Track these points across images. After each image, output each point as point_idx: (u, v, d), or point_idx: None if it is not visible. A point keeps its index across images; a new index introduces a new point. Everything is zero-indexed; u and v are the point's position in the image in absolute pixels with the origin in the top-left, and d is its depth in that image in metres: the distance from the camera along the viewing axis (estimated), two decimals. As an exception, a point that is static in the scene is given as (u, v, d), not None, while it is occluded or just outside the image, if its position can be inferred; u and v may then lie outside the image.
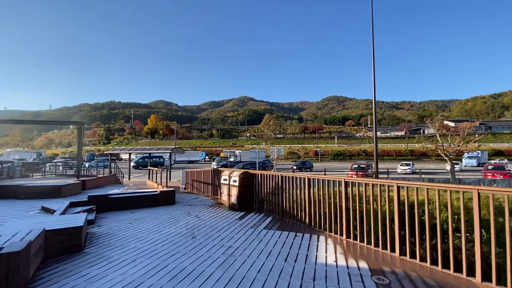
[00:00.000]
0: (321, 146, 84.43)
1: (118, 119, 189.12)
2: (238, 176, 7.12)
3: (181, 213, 6.77)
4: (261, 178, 6.94)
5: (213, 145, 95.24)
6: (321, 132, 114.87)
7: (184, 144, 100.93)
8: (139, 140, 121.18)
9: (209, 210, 7.08)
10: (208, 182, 10.35)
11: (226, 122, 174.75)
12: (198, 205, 7.84)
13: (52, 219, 4.53)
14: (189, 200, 8.77)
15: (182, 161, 52.39)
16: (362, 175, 21.89)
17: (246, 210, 6.97)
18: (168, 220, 6.04)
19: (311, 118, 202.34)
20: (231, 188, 7.43)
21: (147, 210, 7.18)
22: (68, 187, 8.02)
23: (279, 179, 6.20)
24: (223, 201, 8.02)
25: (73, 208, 6.24)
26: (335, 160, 67.82)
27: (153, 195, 7.80)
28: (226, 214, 6.63)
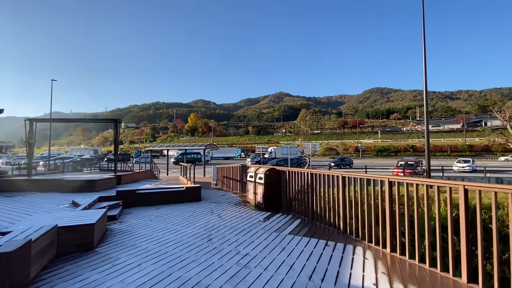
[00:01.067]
0: (362, 141, 79.29)
1: (162, 118, 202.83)
2: (264, 173, 6.53)
3: (204, 211, 6.44)
4: (289, 176, 6.24)
5: (248, 141, 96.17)
6: (362, 126, 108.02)
7: (221, 141, 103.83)
8: (180, 138, 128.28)
9: (233, 209, 6.63)
10: (236, 179, 9.97)
11: (261, 119, 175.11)
12: (223, 203, 7.46)
13: (70, 214, 4.49)
14: (215, 197, 8.47)
15: (218, 158, 53.74)
16: (410, 173, 19.57)
17: (272, 210, 6.35)
18: (189, 218, 5.73)
19: (351, 112, 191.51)
20: (257, 186, 6.88)
21: (172, 206, 7.03)
22: (102, 181, 8.31)
23: (309, 177, 5.44)
24: (249, 200, 7.52)
25: (100, 202, 6.33)
26: (378, 156, 63.05)
27: (179, 191, 7.64)
28: (250, 214, 6.11)
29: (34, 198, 6.92)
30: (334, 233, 4.57)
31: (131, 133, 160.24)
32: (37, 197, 7.08)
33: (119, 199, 6.82)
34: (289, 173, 6.27)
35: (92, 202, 5.93)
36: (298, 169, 6.07)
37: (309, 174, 5.44)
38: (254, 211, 6.37)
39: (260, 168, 7.03)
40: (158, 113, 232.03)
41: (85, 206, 5.43)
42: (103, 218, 4.55)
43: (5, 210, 5.56)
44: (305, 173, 5.62)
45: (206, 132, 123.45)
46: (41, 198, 6.96)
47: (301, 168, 6.00)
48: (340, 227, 4.58)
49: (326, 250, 3.78)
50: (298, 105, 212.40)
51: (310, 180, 5.42)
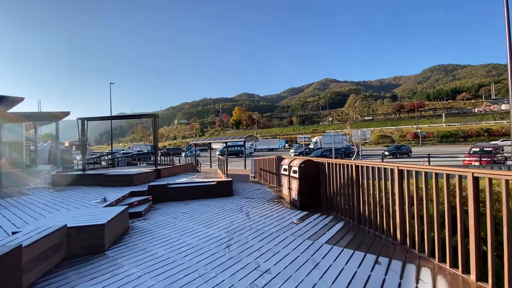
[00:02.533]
0: (422, 126, 70.32)
1: (209, 114, 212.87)
2: (299, 166, 5.60)
3: (232, 208, 5.85)
4: (329, 169, 5.20)
5: (292, 132, 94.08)
6: (422, 110, 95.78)
7: (264, 132, 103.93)
8: (226, 131, 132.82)
9: (265, 206, 5.90)
10: (272, 172, 9.20)
11: (306, 108, 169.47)
12: (256, 199, 6.79)
13: (89, 212, 4.32)
14: (249, 192, 7.85)
15: (262, 149, 53.66)
16: (487, 161, 16.10)
17: (309, 209, 5.42)
18: (215, 216, 5.20)
19: (408, 95, 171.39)
20: (291, 180, 5.99)
21: (201, 202, 6.64)
22: (140, 176, 8.43)
23: (353, 170, 4.35)
24: (284, 195, 6.69)
25: (130, 198, 6.26)
26: (442, 143, 55.08)
27: (210, 185, 7.23)
28: (282, 213, 5.29)
29: (76, 192, 7.27)
30: (388, 244, 3.46)
31: (183, 129, 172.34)
32: (79, 191, 7.44)
33: (150, 194, 6.71)
34: (328, 166, 5.22)
35: (121, 198, 5.86)
36: (340, 160, 4.98)
37: (354, 166, 4.34)
38: (288, 210, 5.53)
39: (295, 160, 6.11)
40: (206, 109, 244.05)
41: (112, 202, 5.33)
42: (121, 216, 4.28)
43: (41, 204, 5.82)
44: (348, 165, 4.53)
45: (250, 124, 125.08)
46: (82, 192, 7.28)
47: (343, 160, 4.90)
48: (396, 236, 3.45)
49: (376, 271, 2.76)
50: (346, 91, 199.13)
51: (355, 173, 4.32)
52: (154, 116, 11.08)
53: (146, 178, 8.77)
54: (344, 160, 4.81)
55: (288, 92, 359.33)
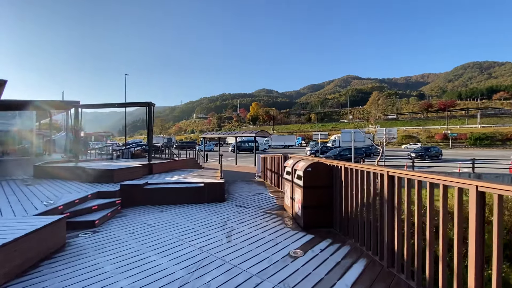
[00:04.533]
0: (453, 127, 65.07)
1: (227, 109, 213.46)
2: (304, 170, 4.07)
3: (215, 221, 4.45)
4: (347, 176, 3.63)
5: (310, 129, 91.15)
6: (452, 109, 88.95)
7: (281, 129, 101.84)
8: (243, 126, 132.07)
9: (257, 222, 4.43)
10: (278, 173, 7.70)
11: (326, 105, 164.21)
12: (250, 208, 5.34)
13: (2, 225, 3.10)
14: (246, 197, 6.42)
15: (277, 146, 51.94)
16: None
17: (316, 231, 3.89)
18: (186, 234, 3.83)
19: (437, 93, 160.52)
20: (295, 188, 4.48)
21: (182, 208, 5.31)
22: (123, 172, 7.28)
23: (385, 182, 2.78)
24: (286, 206, 5.19)
25: (92, 200, 5.05)
26: (476, 145, 50.34)
27: (197, 188, 5.88)
28: (278, 235, 3.80)
29: (42, 188, 6.21)
30: (452, 326, 1.89)
31: (201, 123, 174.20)
32: (46, 186, 6.38)
33: (123, 195, 5.48)
34: (346, 172, 3.65)
35: (77, 200, 4.65)
36: (364, 166, 3.39)
37: (387, 176, 2.76)
38: (287, 230, 4.03)
39: (300, 161, 4.57)
40: (224, 104, 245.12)
41: (57, 206, 4.11)
42: (43, 233, 3.02)
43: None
44: (377, 173, 2.96)
45: (267, 120, 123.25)
46: (49, 188, 6.22)
47: (368, 165, 3.31)
48: (466, 312, 1.87)
49: None
50: (368, 88, 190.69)
51: (388, 187, 2.75)
52: (148, 104, 9.93)
53: (131, 174, 7.60)
54: (369, 166, 3.23)
55: (308, 89, 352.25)
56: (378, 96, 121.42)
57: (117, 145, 30.03)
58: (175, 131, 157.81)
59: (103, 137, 71.32)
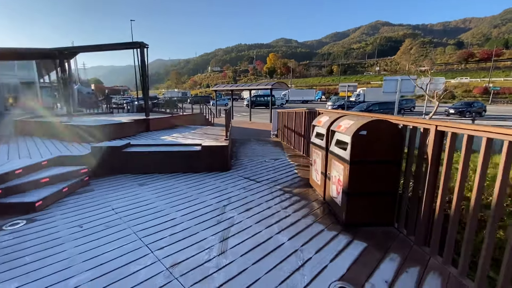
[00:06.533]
0: (496, 80, 57.72)
1: (243, 61, 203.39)
2: (354, 134, 2.35)
3: (208, 205, 3.02)
4: (439, 144, 1.91)
5: (332, 82, 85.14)
6: (497, 60, 78.18)
7: (300, 82, 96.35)
8: (259, 80, 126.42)
9: (271, 210, 2.94)
10: (299, 133, 6.02)
11: (349, 56, 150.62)
12: (261, 183, 3.84)
13: None
14: (256, 164, 4.91)
15: (296, 101, 48.97)
16: None
17: (367, 233, 2.36)
18: (154, 234, 2.45)
19: (479, 41, 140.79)
20: (332, 161, 2.83)
21: (169, 180, 3.94)
22: (107, 128, 5.90)
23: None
24: (313, 183, 3.63)
25: (48, 169, 3.73)
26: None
27: (191, 152, 4.41)
28: (304, 240, 2.31)
29: (6, 147, 5.03)
30: None
31: (216, 77, 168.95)
32: (14, 145, 5.21)
33: (94, 162, 4.15)
34: (437, 138, 1.91)
35: (21, 169, 3.34)
36: (482, 127, 1.63)
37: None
38: (317, 228, 2.53)
39: (344, 118, 2.82)
40: (240, 56, 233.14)
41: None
42: None
43: None
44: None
45: (285, 73, 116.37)
46: (13, 147, 5.04)
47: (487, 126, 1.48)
48: None
49: None
50: (399, 36, 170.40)
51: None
52: (140, 45, 8.05)
53: (119, 132, 6.26)
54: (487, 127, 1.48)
55: (331, 38, 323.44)
56: (411, 45, 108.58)
57: (131, 99, 28.80)
58: (190, 85, 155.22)
59: (120, 91, 70.89)
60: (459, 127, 1.82)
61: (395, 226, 2.55)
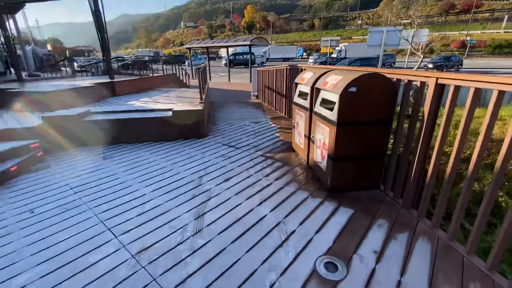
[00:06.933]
0: (473, 33, 58.08)
1: (219, 15, 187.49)
2: (342, 92, 2.04)
3: (182, 177, 2.74)
4: (438, 98, 1.67)
5: (313, 38, 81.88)
6: (477, 11, 77.64)
7: (280, 38, 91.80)
8: (238, 36, 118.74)
9: (252, 178, 2.72)
10: (281, 93, 5.63)
11: (331, 9, 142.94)
12: (241, 149, 3.57)
13: None
14: (236, 129, 4.58)
15: (276, 59, 47.00)
16: None
17: (354, 198, 2.22)
18: (118, 216, 2.16)
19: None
20: (317, 123, 2.56)
21: (137, 151, 3.55)
22: (60, 95, 5.15)
23: None
24: (296, 147, 3.40)
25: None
26: (494, 55, 45.82)
27: (162, 119, 3.95)
28: (288, 210, 2.13)
29: None
30: None
31: (190, 34, 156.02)
32: None
33: (48, 134, 3.61)
34: (439, 91, 1.67)
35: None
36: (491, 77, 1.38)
37: None
38: (301, 195, 2.36)
39: (330, 73, 2.48)
40: (215, 8, 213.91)
41: None
42: None
43: None
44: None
45: (265, 28, 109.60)
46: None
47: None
48: None
49: None
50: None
51: None
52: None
53: (80, 98, 5.53)
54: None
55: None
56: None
57: (96, 61, 25.82)
58: (162, 43, 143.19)
59: (84, 52, 63.67)
60: (466, 79, 1.55)
61: (381, 188, 2.44)
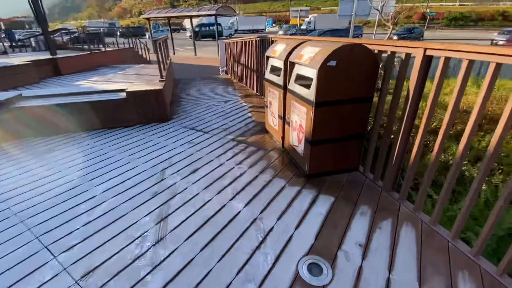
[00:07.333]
0: (433, 5, 60.14)
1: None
2: (321, 66, 1.77)
3: (142, 171, 2.37)
4: (426, 70, 1.48)
5: (282, 8, 79.19)
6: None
7: (248, 8, 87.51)
8: (202, 5, 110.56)
9: (223, 167, 2.43)
10: (251, 68, 5.21)
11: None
12: (209, 134, 3.23)
13: None
14: (203, 110, 4.16)
15: (245, 31, 44.80)
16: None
17: (333, 182, 2.07)
18: (54, 230, 1.78)
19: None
20: (292, 102, 2.29)
21: (91, 140, 3.04)
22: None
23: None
24: (270, 128, 3.14)
25: None
26: (450, 27, 48.34)
27: (117, 102, 3.40)
28: (264, 202, 1.92)
29: None
30: None
31: (149, 3, 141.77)
32: None
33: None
34: (428, 62, 1.47)
35: None
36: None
37: None
38: (278, 183, 2.14)
39: (306, 45, 2.17)
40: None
41: None
42: None
43: None
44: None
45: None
46: None
47: None
48: None
49: None
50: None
51: None
52: None
53: (10, 79, 4.62)
54: None
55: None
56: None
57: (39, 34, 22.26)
58: (118, 13, 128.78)
59: (24, 24, 54.94)
60: (459, 50, 1.36)
61: (360, 170, 2.31)
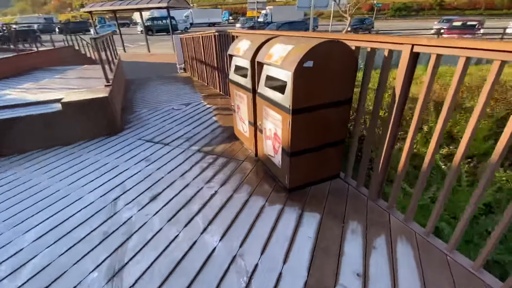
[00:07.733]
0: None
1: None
2: (296, 68, 1.50)
3: (89, 202, 1.90)
4: (414, 66, 1.30)
5: (237, 0, 77.92)
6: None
7: (203, 0, 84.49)
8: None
9: (190, 189, 2.07)
10: (212, 65, 4.79)
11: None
12: (171, 146, 2.81)
13: None
14: (162, 116, 3.68)
15: (201, 24, 43.17)
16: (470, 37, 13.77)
17: (316, 192, 1.85)
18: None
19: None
20: (264, 108, 2.00)
21: (17, 167, 2.43)
22: None
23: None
24: (239, 135, 2.83)
25: None
26: (395, 17, 52.21)
27: (51, 115, 2.77)
28: (236, 225, 1.61)
29: None
30: None
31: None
32: None
33: None
34: (416, 59, 1.32)
35: None
36: None
37: None
38: (254, 200, 1.86)
39: (275, 41, 1.88)
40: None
41: None
42: None
43: None
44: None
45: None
46: None
47: None
48: None
49: None
50: None
51: None
52: None
53: None
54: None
55: None
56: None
57: None
58: (55, 7, 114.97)
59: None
60: (453, 46, 1.19)
61: (341, 176, 2.14)
